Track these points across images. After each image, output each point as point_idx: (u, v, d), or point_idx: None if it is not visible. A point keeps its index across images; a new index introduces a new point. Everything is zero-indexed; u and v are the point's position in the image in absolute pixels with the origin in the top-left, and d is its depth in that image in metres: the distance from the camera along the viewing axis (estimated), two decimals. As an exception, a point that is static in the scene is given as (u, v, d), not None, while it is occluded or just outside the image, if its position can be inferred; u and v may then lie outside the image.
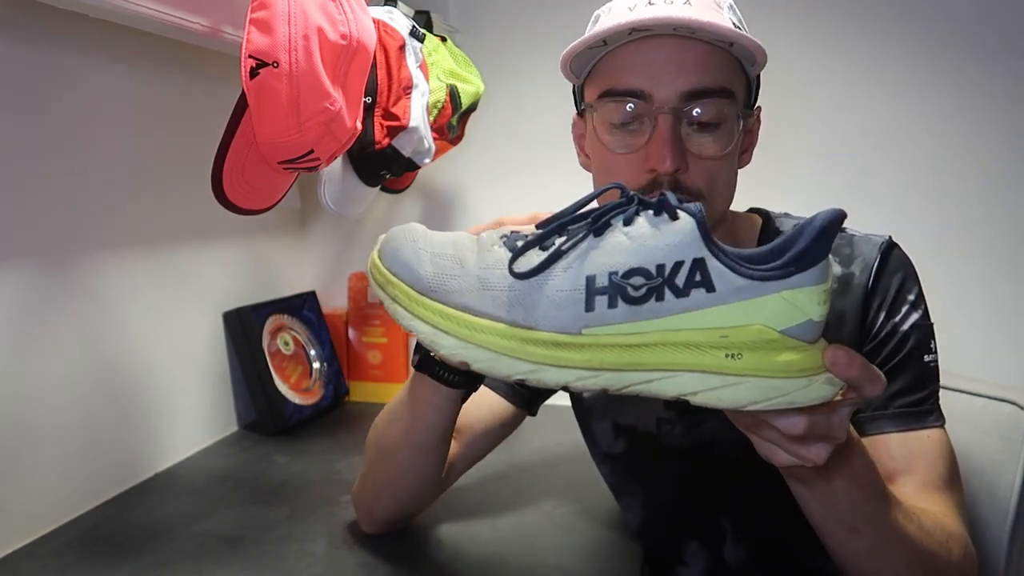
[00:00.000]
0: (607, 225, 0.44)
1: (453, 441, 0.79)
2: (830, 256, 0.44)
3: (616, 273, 0.43)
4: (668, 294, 0.42)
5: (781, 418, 0.45)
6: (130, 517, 0.87)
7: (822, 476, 0.54)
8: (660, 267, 0.43)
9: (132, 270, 0.96)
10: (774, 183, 1.10)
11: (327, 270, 1.44)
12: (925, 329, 0.69)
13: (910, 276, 0.71)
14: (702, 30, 0.59)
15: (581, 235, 0.44)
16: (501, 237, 0.47)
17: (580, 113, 0.73)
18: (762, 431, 0.48)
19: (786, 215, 0.78)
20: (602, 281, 0.43)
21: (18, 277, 0.80)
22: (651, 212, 0.44)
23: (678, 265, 0.42)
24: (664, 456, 0.76)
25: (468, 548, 0.79)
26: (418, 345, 0.67)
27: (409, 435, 0.72)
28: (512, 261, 0.45)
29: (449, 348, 0.45)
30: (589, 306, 0.43)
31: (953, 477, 0.66)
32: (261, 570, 0.75)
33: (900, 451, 0.66)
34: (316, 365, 1.28)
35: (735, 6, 0.68)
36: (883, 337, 0.68)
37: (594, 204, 0.48)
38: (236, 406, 1.19)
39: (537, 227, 0.47)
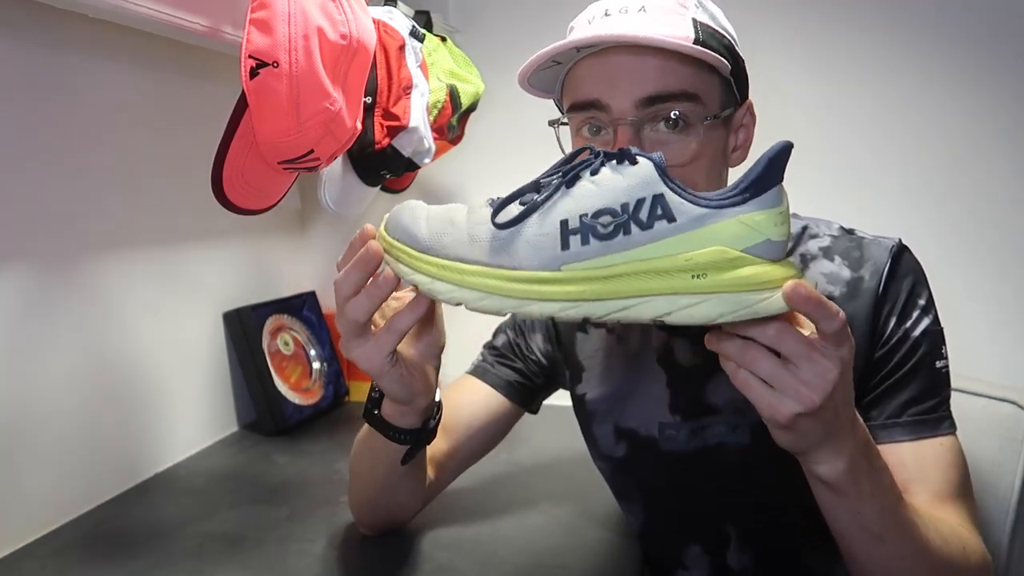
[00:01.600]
0: (577, 177, 0.50)
1: (444, 438, 0.79)
2: (782, 184, 0.48)
3: (586, 215, 0.48)
4: (634, 228, 0.48)
5: (755, 328, 0.48)
6: (130, 517, 0.87)
7: (852, 482, 0.54)
8: (624, 205, 0.48)
9: (132, 270, 0.96)
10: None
11: (327, 270, 1.44)
12: (936, 335, 0.68)
13: (920, 281, 0.70)
14: (650, 44, 0.59)
15: (554, 188, 0.50)
16: (488, 200, 0.53)
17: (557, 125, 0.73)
18: (748, 357, 0.49)
19: (794, 215, 0.76)
20: (574, 223, 0.49)
21: (18, 277, 0.80)
22: (614, 161, 0.50)
23: (640, 202, 0.48)
24: (666, 461, 0.75)
25: (468, 548, 0.79)
26: (366, 401, 0.69)
27: (375, 473, 0.73)
28: (494, 215, 0.50)
29: (445, 292, 0.50)
30: (564, 245, 0.48)
31: (965, 485, 0.66)
32: (261, 570, 0.75)
33: (913, 460, 0.65)
34: (316, 365, 1.28)
35: (705, 2, 0.66)
36: (894, 343, 0.68)
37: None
38: (236, 406, 1.19)
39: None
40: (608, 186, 0.49)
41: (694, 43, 0.61)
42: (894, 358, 0.68)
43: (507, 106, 1.34)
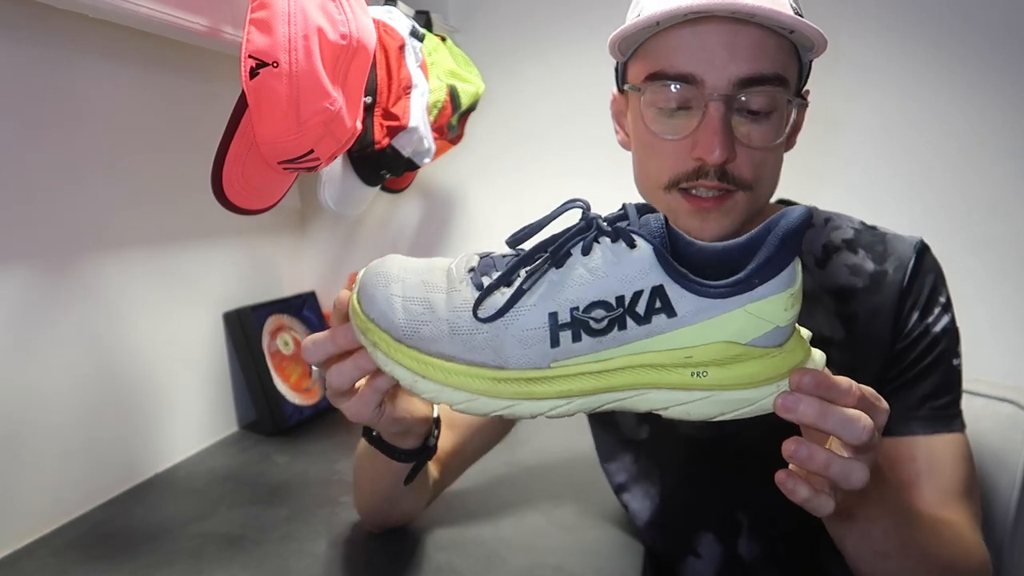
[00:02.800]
0: (567, 255, 0.45)
1: (448, 437, 0.79)
2: (798, 259, 0.44)
3: (577, 308, 0.44)
4: (630, 322, 0.43)
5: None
6: (130, 517, 0.87)
7: (862, 508, 0.54)
8: (620, 298, 0.43)
9: (132, 270, 0.96)
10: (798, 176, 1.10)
11: (327, 270, 1.44)
12: (954, 333, 0.70)
13: (941, 279, 0.71)
14: (762, 16, 0.57)
15: (542, 270, 0.45)
16: (468, 271, 0.48)
17: (622, 91, 0.71)
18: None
19: (815, 208, 0.76)
20: (564, 317, 0.44)
21: (19, 277, 0.80)
22: (608, 240, 0.45)
23: (637, 294, 0.43)
24: (686, 445, 0.76)
25: (468, 548, 0.79)
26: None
27: (376, 486, 0.72)
28: (477, 305, 0.45)
29: (429, 392, 0.46)
30: (554, 342, 0.44)
31: (972, 484, 0.67)
32: (261, 570, 0.75)
33: (924, 454, 0.66)
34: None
35: None
36: (916, 337, 0.68)
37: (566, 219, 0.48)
38: (236, 406, 1.19)
39: (506, 243, 0.48)
40: (602, 274, 0.44)
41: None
42: (914, 352, 0.68)
43: (507, 106, 1.34)
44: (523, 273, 0.46)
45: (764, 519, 0.75)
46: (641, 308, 0.43)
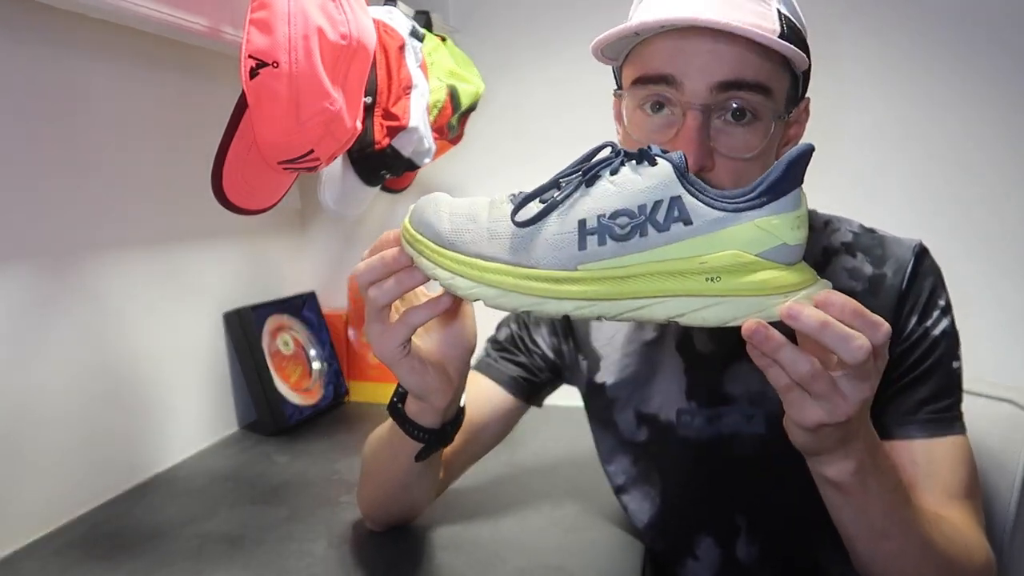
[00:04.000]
0: (596, 176, 0.50)
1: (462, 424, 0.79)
2: (802, 188, 0.48)
3: (604, 215, 0.49)
4: (651, 229, 0.48)
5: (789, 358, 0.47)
6: (130, 517, 0.87)
7: (859, 482, 0.54)
8: (642, 207, 0.48)
9: (132, 270, 0.96)
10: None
11: (327, 270, 1.44)
12: (953, 336, 0.69)
13: (940, 282, 0.70)
14: (739, 32, 0.57)
15: (574, 186, 0.50)
16: (509, 195, 0.53)
17: (617, 94, 0.71)
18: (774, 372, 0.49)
19: (814, 211, 0.76)
20: (592, 223, 0.49)
21: (18, 277, 0.80)
22: (634, 162, 0.50)
23: (658, 204, 0.48)
24: (683, 447, 0.76)
25: (468, 548, 0.79)
26: (394, 389, 0.68)
27: (392, 469, 0.73)
28: (514, 213, 0.51)
29: (464, 288, 0.51)
30: (582, 245, 0.49)
31: (973, 485, 0.67)
32: (261, 570, 0.75)
33: (924, 458, 0.66)
34: (316, 365, 1.28)
35: None
36: (915, 340, 0.68)
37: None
38: (236, 406, 1.19)
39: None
40: (627, 187, 0.49)
41: (779, 37, 0.59)
42: (913, 356, 0.68)
43: (507, 106, 1.34)
44: (557, 191, 0.51)
45: (762, 522, 0.75)
46: (661, 216, 0.48)
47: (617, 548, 0.81)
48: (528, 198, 0.51)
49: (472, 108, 1.17)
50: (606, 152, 0.52)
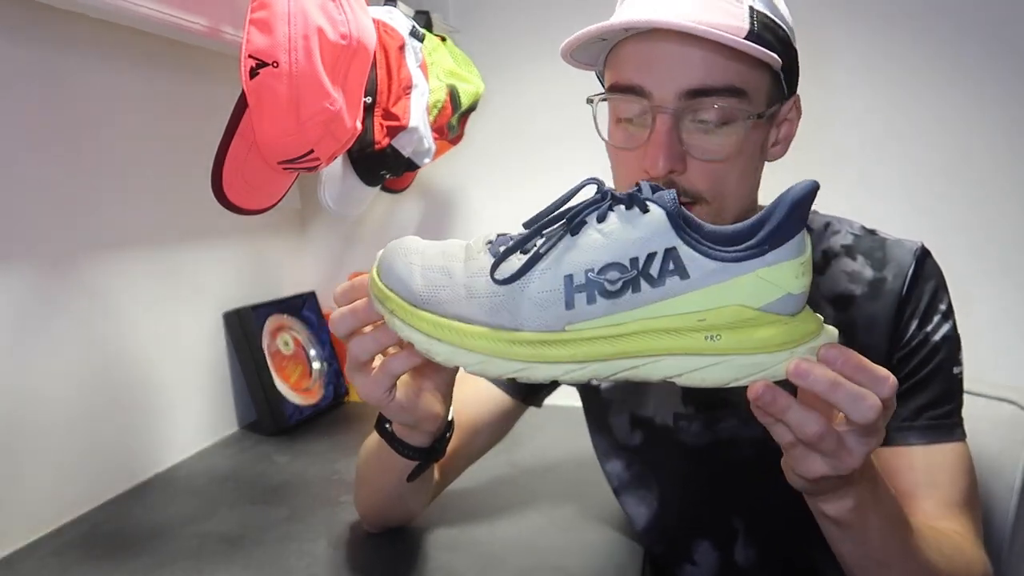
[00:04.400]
0: (582, 223, 0.46)
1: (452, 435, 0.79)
2: (806, 231, 0.44)
3: (592, 270, 0.45)
4: (644, 285, 0.44)
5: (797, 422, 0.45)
6: (130, 517, 0.87)
7: (857, 515, 0.53)
8: (634, 260, 0.44)
9: (132, 270, 0.96)
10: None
11: (327, 270, 1.44)
12: (954, 341, 0.68)
13: (942, 286, 0.69)
14: (702, 33, 0.56)
15: (558, 236, 0.46)
16: (487, 243, 0.49)
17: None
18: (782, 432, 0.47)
19: (815, 212, 0.76)
20: (579, 279, 0.45)
21: (18, 277, 0.80)
22: (623, 207, 0.46)
23: (651, 256, 0.44)
24: (680, 452, 0.75)
25: (468, 548, 0.79)
26: (379, 414, 0.66)
27: (384, 481, 0.72)
28: (494, 268, 0.46)
29: (444, 355, 0.47)
30: (569, 304, 0.45)
31: (973, 493, 0.66)
32: (261, 570, 0.75)
33: (924, 464, 0.65)
34: (316, 365, 1.28)
35: None
36: (915, 346, 0.67)
37: (582, 195, 0.49)
38: (236, 406, 1.19)
39: (523, 226, 0.49)
40: (616, 237, 0.45)
41: (747, 36, 0.58)
42: (913, 361, 0.67)
43: (507, 106, 1.34)
44: (539, 240, 0.47)
45: (760, 525, 0.75)
46: (655, 270, 0.44)
47: (617, 549, 0.81)
48: (508, 251, 0.47)
49: (472, 108, 1.17)
50: (591, 192, 0.47)
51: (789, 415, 0.45)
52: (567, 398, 0.87)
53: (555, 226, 0.47)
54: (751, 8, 0.61)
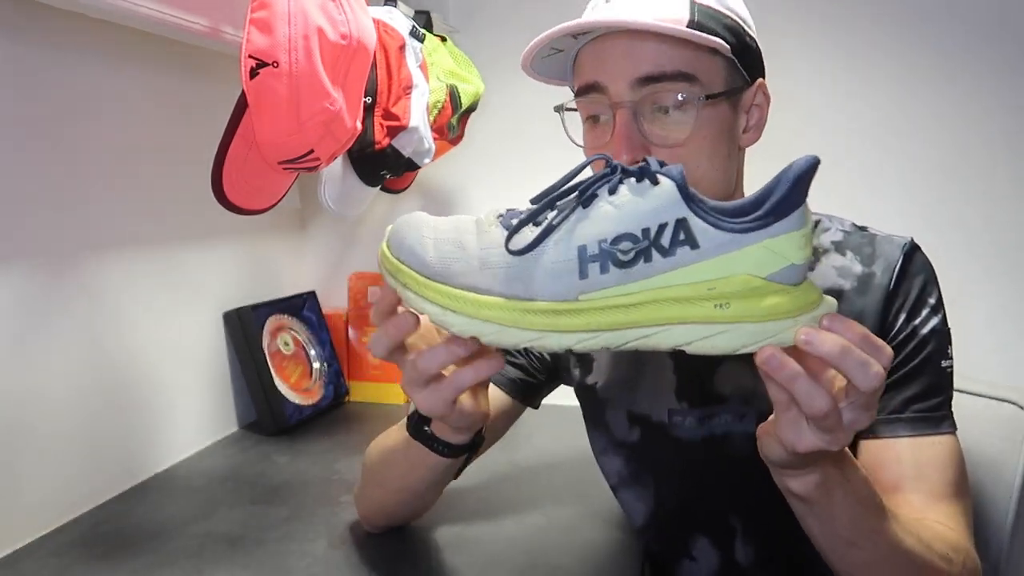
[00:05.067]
0: (594, 196, 0.47)
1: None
2: (807, 203, 0.46)
3: (605, 240, 0.46)
4: (655, 255, 0.46)
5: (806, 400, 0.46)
6: (130, 517, 0.87)
7: (822, 492, 0.54)
8: (645, 230, 0.46)
9: (132, 270, 0.96)
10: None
11: (327, 270, 1.44)
12: (943, 335, 0.69)
13: (931, 280, 0.70)
14: (639, 29, 0.60)
15: (570, 208, 0.47)
16: (498, 217, 0.50)
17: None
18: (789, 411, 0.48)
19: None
20: (593, 249, 0.46)
21: (18, 277, 0.80)
22: (633, 180, 0.47)
23: (662, 227, 0.45)
24: (676, 448, 0.75)
25: (468, 548, 0.79)
26: (411, 414, 0.68)
27: (409, 480, 0.73)
28: (508, 240, 0.47)
29: (459, 325, 0.48)
30: (583, 274, 0.46)
31: (961, 485, 0.66)
32: (261, 570, 0.75)
33: (910, 456, 0.65)
34: (316, 365, 1.28)
35: None
36: (902, 339, 0.68)
37: (586, 172, 0.50)
38: (236, 406, 1.19)
39: (531, 202, 0.50)
40: (628, 209, 0.46)
41: (688, 25, 0.62)
42: (901, 354, 0.68)
43: (507, 106, 1.34)
44: (551, 213, 0.48)
45: (758, 522, 0.75)
46: (666, 240, 0.45)
47: (616, 548, 0.81)
48: (522, 223, 0.48)
49: (472, 108, 1.17)
50: (601, 167, 0.49)
51: (797, 385, 0.45)
52: (567, 398, 0.87)
53: (567, 199, 0.48)
54: (692, 1, 0.64)
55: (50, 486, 0.84)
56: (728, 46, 0.63)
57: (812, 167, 0.45)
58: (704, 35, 0.61)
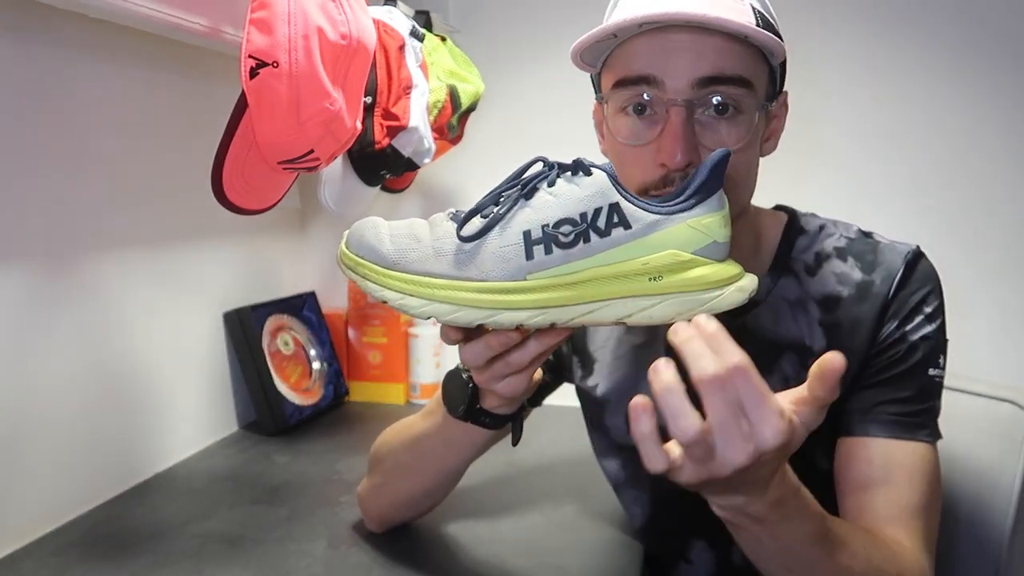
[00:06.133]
0: (535, 189, 0.53)
1: None
2: (723, 190, 0.52)
3: (548, 225, 0.51)
4: (593, 236, 0.50)
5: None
6: (130, 517, 0.87)
7: (751, 519, 0.52)
8: (583, 215, 0.51)
9: (132, 270, 0.96)
10: (795, 181, 1.10)
11: (327, 270, 1.44)
12: (935, 343, 0.68)
13: (934, 290, 0.69)
14: (716, 24, 0.57)
15: (514, 200, 0.52)
16: (448, 213, 0.55)
17: (598, 101, 0.71)
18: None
19: (812, 215, 0.76)
20: (537, 233, 0.51)
21: (18, 277, 0.80)
22: (568, 173, 0.53)
23: (598, 211, 0.51)
24: None
25: (468, 548, 0.79)
26: (457, 397, 0.66)
27: (443, 466, 0.73)
28: (459, 229, 0.52)
29: (416, 307, 0.52)
30: (529, 255, 0.51)
31: (930, 499, 0.64)
32: (261, 570, 0.75)
33: (881, 458, 0.64)
34: (316, 365, 1.28)
35: None
36: (890, 344, 0.67)
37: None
38: (236, 406, 1.19)
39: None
40: (566, 197, 0.51)
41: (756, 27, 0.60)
42: (884, 358, 0.67)
43: (507, 106, 1.34)
44: (495, 207, 0.53)
45: None
46: (602, 223, 0.50)
47: (616, 548, 0.81)
48: (470, 214, 0.53)
49: (472, 108, 1.17)
50: (539, 167, 0.54)
51: (665, 400, 0.46)
52: (567, 398, 0.87)
53: (510, 192, 0.53)
54: (752, 7, 0.62)
55: (50, 486, 0.84)
56: (785, 52, 0.62)
57: (725, 157, 0.51)
58: (776, 38, 0.59)
